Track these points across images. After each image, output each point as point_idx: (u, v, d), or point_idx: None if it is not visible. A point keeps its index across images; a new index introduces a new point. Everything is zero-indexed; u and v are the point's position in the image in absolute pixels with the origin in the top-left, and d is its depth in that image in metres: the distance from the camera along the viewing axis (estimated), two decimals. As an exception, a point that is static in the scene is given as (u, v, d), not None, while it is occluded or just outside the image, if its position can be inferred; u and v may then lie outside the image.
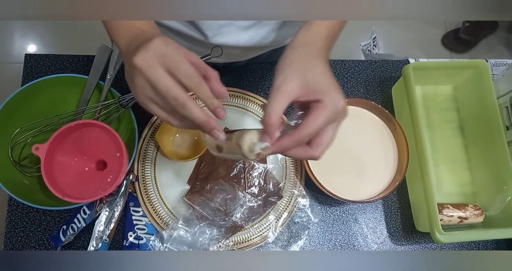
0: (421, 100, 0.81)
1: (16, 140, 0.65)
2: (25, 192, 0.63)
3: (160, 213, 0.68)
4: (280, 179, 0.72)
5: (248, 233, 0.69)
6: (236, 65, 0.79)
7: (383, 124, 0.73)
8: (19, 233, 0.67)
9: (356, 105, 0.73)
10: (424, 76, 0.77)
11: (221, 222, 0.68)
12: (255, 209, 0.70)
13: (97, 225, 0.65)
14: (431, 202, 0.65)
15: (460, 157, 0.79)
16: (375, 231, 0.73)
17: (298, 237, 0.71)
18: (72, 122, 0.59)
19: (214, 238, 0.67)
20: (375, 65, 0.84)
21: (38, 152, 0.58)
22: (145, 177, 0.70)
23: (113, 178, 0.63)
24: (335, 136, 0.45)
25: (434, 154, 0.78)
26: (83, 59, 0.76)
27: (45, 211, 0.68)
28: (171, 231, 0.67)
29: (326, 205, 0.74)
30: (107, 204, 0.65)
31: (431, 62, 0.78)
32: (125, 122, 0.70)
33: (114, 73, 0.67)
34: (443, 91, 0.83)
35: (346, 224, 0.73)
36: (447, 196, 0.76)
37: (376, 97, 0.81)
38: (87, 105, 0.68)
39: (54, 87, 0.67)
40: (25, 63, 0.75)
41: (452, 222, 0.71)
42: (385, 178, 0.70)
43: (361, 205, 0.75)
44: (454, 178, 0.78)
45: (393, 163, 0.71)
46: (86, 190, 0.62)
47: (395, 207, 0.75)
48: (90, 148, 0.64)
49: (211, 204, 0.68)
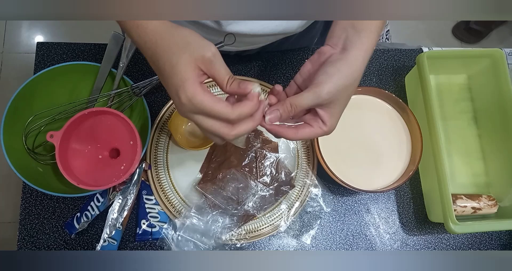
0: (435, 90, 0.80)
1: (30, 128, 0.65)
2: (39, 179, 0.64)
3: (172, 201, 0.68)
4: (292, 169, 0.72)
5: (260, 222, 0.69)
6: (247, 54, 0.79)
7: (397, 114, 0.73)
8: (34, 220, 0.68)
9: (369, 94, 0.73)
10: (438, 65, 0.76)
11: (233, 210, 0.68)
12: (267, 198, 0.70)
13: (111, 212, 0.65)
14: (445, 193, 0.65)
15: (474, 147, 0.78)
16: (388, 221, 0.73)
17: (310, 227, 0.71)
18: (86, 110, 0.59)
19: (227, 227, 0.67)
20: (388, 54, 0.83)
21: (52, 139, 0.58)
22: (157, 165, 0.70)
23: (126, 166, 0.63)
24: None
25: (448, 144, 0.77)
26: (94, 47, 0.76)
27: (59, 199, 0.69)
28: (183, 219, 0.67)
29: (338, 195, 0.73)
30: (120, 192, 0.66)
31: (445, 51, 0.77)
32: (137, 110, 0.70)
33: (127, 61, 0.66)
34: (457, 81, 0.82)
35: (358, 214, 0.73)
36: (461, 187, 0.75)
37: (389, 86, 0.80)
38: (99, 93, 0.68)
39: (67, 75, 0.67)
40: (37, 51, 0.75)
41: (465, 212, 0.71)
42: (398, 168, 0.70)
43: (374, 195, 0.74)
44: (468, 169, 0.77)
45: (406, 153, 0.71)
46: (100, 177, 0.62)
47: (408, 197, 0.75)
48: (103, 136, 0.64)
49: (223, 193, 0.68)
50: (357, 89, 0.71)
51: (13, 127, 0.64)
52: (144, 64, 0.75)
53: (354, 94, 0.72)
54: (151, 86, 0.66)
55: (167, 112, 0.71)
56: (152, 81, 0.66)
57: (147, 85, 0.65)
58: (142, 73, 0.75)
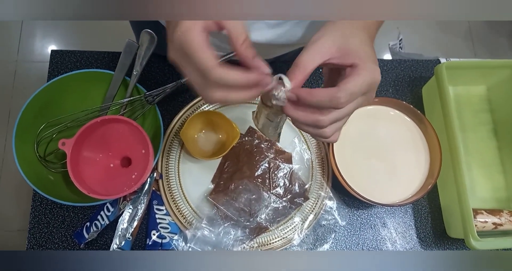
0: (453, 101, 0.78)
1: (42, 136, 0.64)
2: (50, 187, 0.63)
3: (183, 212, 0.67)
4: (306, 180, 0.70)
5: (273, 234, 0.67)
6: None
7: (414, 125, 0.71)
8: (43, 229, 0.67)
9: (386, 105, 0.71)
10: (457, 76, 0.75)
11: (246, 222, 0.66)
12: (280, 210, 0.68)
13: (121, 222, 0.64)
14: (466, 208, 0.62)
15: (494, 160, 0.76)
16: (405, 236, 0.71)
17: (324, 240, 0.69)
18: (98, 118, 0.58)
19: (239, 239, 0.65)
20: (404, 64, 0.81)
21: (64, 147, 0.57)
22: (169, 175, 0.69)
23: (138, 175, 0.62)
24: (351, 113, 0.42)
25: (467, 157, 0.75)
26: (108, 55, 0.76)
27: (69, 208, 0.68)
28: (194, 231, 0.65)
29: (353, 208, 0.71)
30: (130, 202, 0.64)
31: (464, 61, 0.75)
32: (150, 119, 0.69)
33: (141, 69, 0.66)
34: (476, 92, 0.80)
35: (374, 228, 0.71)
36: (480, 201, 0.73)
37: (406, 98, 0.79)
38: (112, 101, 0.67)
39: (80, 82, 0.66)
40: (51, 59, 0.75)
41: (486, 228, 0.68)
42: (416, 181, 0.68)
43: (390, 209, 0.72)
44: (488, 183, 0.74)
45: (425, 166, 0.69)
46: (111, 186, 0.61)
47: (425, 212, 0.72)
48: (115, 144, 0.63)
49: (236, 204, 0.67)
50: (374, 100, 0.70)
51: (26, 135, 0.63)
52: (157, 73, 0.75)
53: (371, 105, 0.71)
54: (164, 94, 0.66)
55: (180, 121, 0.70)
56: (166, 89, 0.65)
57: (160, 93, 0.64)
58: (155, 81, 0.74)
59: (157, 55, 0.67)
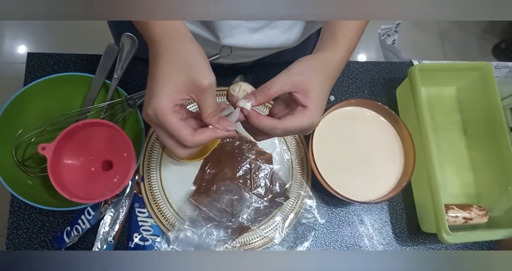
0: (426, 102, 0.82)
1: (20, 140, 0.64)
2: (29, 192, 0.62)
3: (165, 214, 0.67)
4: (286, 180, 0.72)
5: (254, 234, 0.68)
6: (242, 66, 0.79)
7: (390, 125, 0.73)
8: (22, 234, 0.66)
9: (362, 106, 0.73)
10: (429, 78, 0.78)
11: (228, 223, 0.67)
12: (261, 210, 0.69)
13: (102, 226, 0.64)
14: (438, 203, 0.65)
15: (464, 158, 0.80)
16: (381, 232, 0.73)
17: (304, 239, 0.71)
18: (79, 122, 0.58)
19: (221, 240, 0.66)
20: (379, 66, 0.84)
21: (44, 151, 0.57)
22: (150, 177, 0.69)
23: (120, 179, 0.62)
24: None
25: (439, 155, 0.78)
26: (86, 58, 0.75)
27: (48, 212, 0.67)
28: (177, 233, 0.66)
29: (332, 206, 0.74)
30: (112, 205, 0.64)
31: (436, 64, 0.78)
32: (130, 122, 0.69)
33: (121, 72, 0.66)
34: (447, 93, 0.83)
35: (352, 225, 0.73)
36: (452, 197, 0.76)
37: (381, 98, 0.81)
38: (92, 104, 0.67)
39: (59, 86, 0.66)
40: (27, 62, 0.74)
41: (457, 223, 0.72)
42: (391, 179, 0.70)
43: (367, 206, 0.75)
44: (458, 179, 0.78)
45: (400, 164, 0.71)
46: (93, 190, 0.61)
47: (400, 208, 0.75)
48: (96, 148, 0.63)
49: (218, 205, 0.68)
50: (350, 101, 0.72)
51: (3, 139, 0.62)
52: (138, 76, 0.75)
53: (348, 106, 0.73)
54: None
55: (161, 124, 0.71)
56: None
57: (141, 96, 0.64)
58: (136, 84, 0.75)
59: (138, 58, 0.67)
